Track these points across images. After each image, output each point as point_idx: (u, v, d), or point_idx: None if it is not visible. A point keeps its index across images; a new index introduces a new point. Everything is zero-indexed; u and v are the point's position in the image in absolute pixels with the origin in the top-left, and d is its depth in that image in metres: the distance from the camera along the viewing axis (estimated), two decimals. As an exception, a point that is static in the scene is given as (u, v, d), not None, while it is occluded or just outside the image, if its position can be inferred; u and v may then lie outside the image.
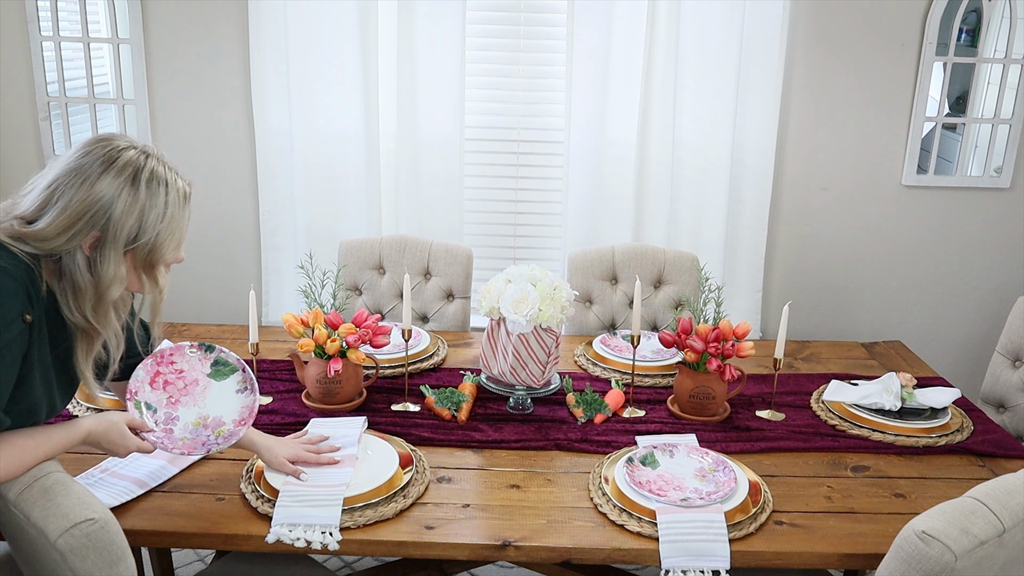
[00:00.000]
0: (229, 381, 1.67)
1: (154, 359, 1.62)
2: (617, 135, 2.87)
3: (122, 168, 1.37)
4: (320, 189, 2.91)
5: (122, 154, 1.39)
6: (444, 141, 2.87)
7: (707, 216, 2.93)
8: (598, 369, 2.24)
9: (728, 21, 2.74)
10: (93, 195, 1.34)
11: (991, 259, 3.06)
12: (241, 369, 1.68)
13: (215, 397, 1.65)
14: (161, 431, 1.57)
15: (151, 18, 2.84)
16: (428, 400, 1.99)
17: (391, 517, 1.57)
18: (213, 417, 1.62)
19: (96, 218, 1.35)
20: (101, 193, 1.35)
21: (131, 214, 1.37)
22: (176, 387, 1.63)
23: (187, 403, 1.63)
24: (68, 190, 1.34)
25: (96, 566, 1.28)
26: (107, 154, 1.38)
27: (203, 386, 1.65)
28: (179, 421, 1.59)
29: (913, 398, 2.00)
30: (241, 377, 1.67)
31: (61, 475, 1.35)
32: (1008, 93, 2.90)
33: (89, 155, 1.37)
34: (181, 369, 1.65)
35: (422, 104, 2.84)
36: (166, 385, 1.63)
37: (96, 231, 1.36)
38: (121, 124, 2.94)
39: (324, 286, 2.13)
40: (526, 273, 1.97)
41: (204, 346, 1.68)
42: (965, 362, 3.17)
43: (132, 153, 1.40)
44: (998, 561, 1.27)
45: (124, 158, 1.38)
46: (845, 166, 2.97)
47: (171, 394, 1.62)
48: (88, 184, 1.35)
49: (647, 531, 1.53)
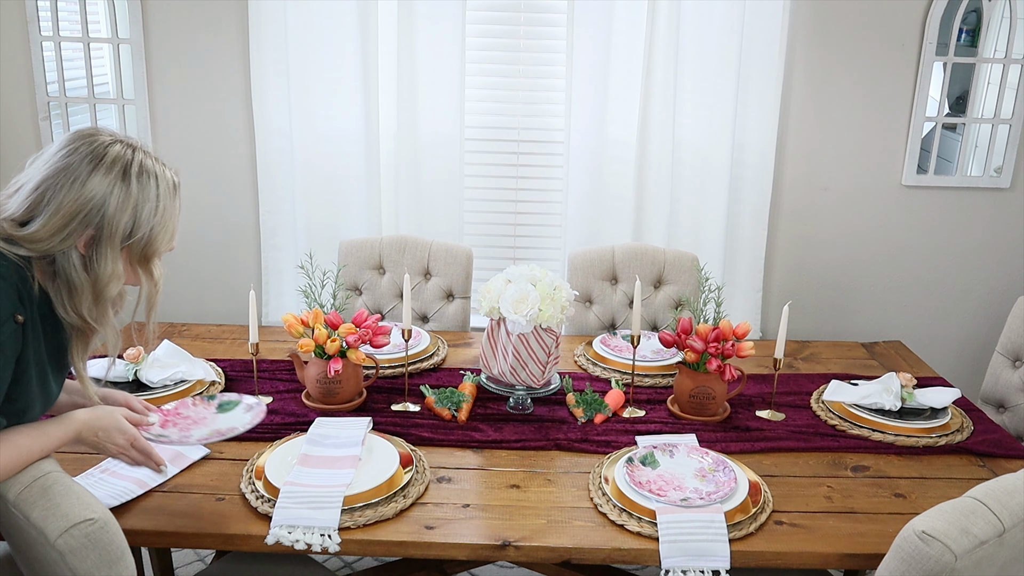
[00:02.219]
0: (237, 410, 1.72)
1: (161, 414, 1.66)
2: (617, 135, 2.87)
3: (111, 164, 1.37)
4: (320, 189, 2.91)
5: (109, 150, 1.38)
6: (444, 141, 2.87)
7: (707, 216, 2.93)
8: (598, 369, 2.24)
9: (728, 21, 2.74)
10: (85, 194, 1.34)
11: (991, 259, 3.06)
12: (244, 399, 1.74)
13: (226, 420, 1.69)
14: (160, 428, 1.59)
15: (151, 18, 2.84)
16: (428, 400, 1.99)
17: (391, 517, 1.57)
18: (227, 428, 1.65)
19: (90, 217, 1.35)
20: (93, 192, 1.34)
21: (125, 210, 1.37)
22: (187, 423, 1.67)
23: (199, 428, 1.66)
24: (59, 191, 1.34)
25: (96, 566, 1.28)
26: (94, 151, 1.37)
27: (213, 418, 1.70)
28: (192, 438, 1.62)
29: (913, 398, 2.00)
30: (246, 403, 1.73)
31: (61, 475, 1.35)
32: (1008, 93, 2.90)
33: (75, 153, 1.36)
34: (188, 415, 1.69)
35: (422, 104, 2.84)
36: (175, 425, 1.66)
37: (91, 230, 1.35)
38: (121, 124, 2.94)
39: (324, 286, 2.13)
40: (526, 273, 1.97)
41: (206, 397, 1.75)
42: (965, 362, 3.17)
43: (118, 148, 1.39)
44: (998, 561, 1.27)
45: (112, 154, 1.37)
46: (845, 166, 2.97)
47: (182, 427, 1.65)
48: (79, 183, 1.34)
49: (647, 531, 1.53)
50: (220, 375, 2.12)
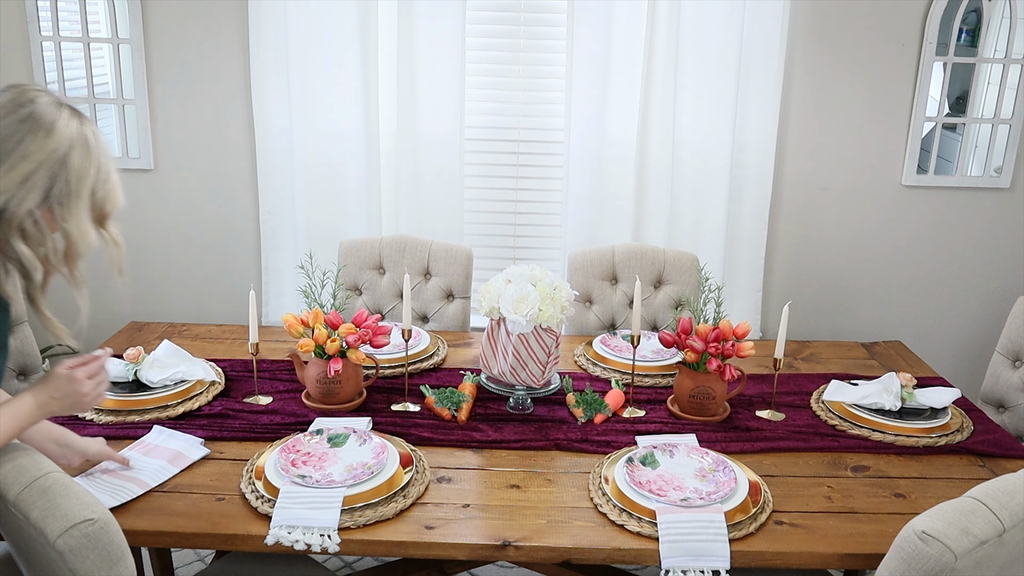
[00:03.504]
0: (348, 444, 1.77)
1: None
2: (617, 135, 2.87)
3: (50, 130, 1.33)
4: (320, 189, 2.91)
5: (53, 117, 1.33)
6: (444, 141, 2.87)
7: (707, 216, 2.93)
8: (598, 369, 2.24)
9: (728, 21, 2.74)
10: (44, 155, 1.31)
11: (991, 259, 3.06)
12: (352, 430, 1.79)
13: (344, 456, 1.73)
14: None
15: (151, 18, 2.84)
16: (428, 400, 1.99)
17: (391, 517, 1.57)
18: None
19: (52, 178, 1.32)
20: (50, 150, 1.32)
21: (85, 171, 1.35)
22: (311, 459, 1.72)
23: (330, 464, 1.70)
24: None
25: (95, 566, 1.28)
26: (35, 121, 1.32)
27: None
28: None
29: (913, 398, 2.00)
30: (355, 436, 1.78)
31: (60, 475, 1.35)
32: (1008, 93, 2.90)
33: (14, 124, 1.31)
34: (309, 451, 1.73)
35: (422, 104, 2.84)
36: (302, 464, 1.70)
37: (48, 194, 1.33)
38: (121, 124, 2.94)
39: (324, 286, 2.13)
40: (526, 273, 1.97)
41: (315, 431, 1.80)
42: (965, 362, 3.17)
43: (56, 112, 1.34)
44: (998, 561, 1.27)
45: (52, 120, 1.33)
46: (845, 166, 2.97)
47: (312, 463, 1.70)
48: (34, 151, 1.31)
49: (647, 531, 1.53)
50: (220, 375, 2.12)
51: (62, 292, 1.43)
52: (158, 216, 3.02)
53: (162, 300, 3.13)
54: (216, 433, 1.84)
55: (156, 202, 3.01)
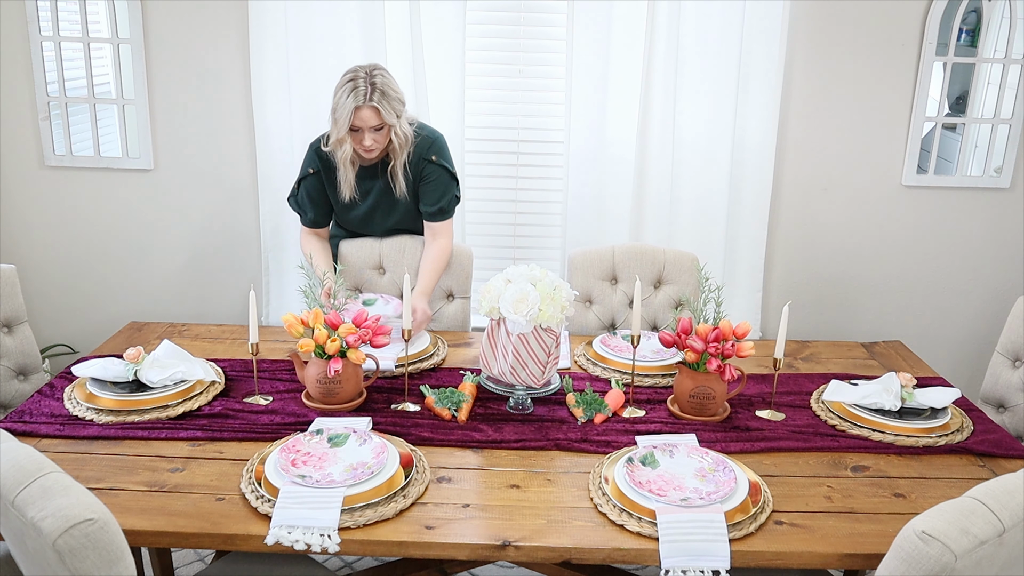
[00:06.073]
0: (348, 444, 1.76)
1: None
2: (617, 135, 2.87)
3: None
4: (320, 189, 2.91)
5: None
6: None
7: (707, 216, 2.93)
8: (598, 369, 2.24)
9: (728, 21, 2.74)
10: None
11: (991, 259, 3.06)
12: (352, 430, 1.79)
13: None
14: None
15: (151, 18, 2.85)
16: (428, 400, 1.99)
17: (391, 517, 1.57)
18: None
19: None
20: None
21: None
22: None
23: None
24: None
25: (95, 566, 1.28)
26: None
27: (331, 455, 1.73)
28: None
29: (913, 398, 2.00)
30: (355, 436, 1.78)
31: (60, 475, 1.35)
32: (1008, 93, 2.90)
33: None
34: (308, 451, 1.73)
35: (422, 104, 2.84)
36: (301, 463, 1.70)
37: None
38: (121, 124, 2.94)
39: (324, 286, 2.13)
40: (526, 273, 1.97)
41: (315, 431, 1.79)
42: (965, 362, 3.17)
43: None
44: (998, 561, 1.27)
45: None
46: (845, 166, 2.97)
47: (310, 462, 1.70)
48: None
49: (647, 531, 1.53)
50: (220, 375, 2.12)
51: (62, 292, 1.44)
52: (158, 216, 3.02)
53: (162, 300, 3.13)
54: (216, 433, 1.84)
55: (156, 202, 3.00)
